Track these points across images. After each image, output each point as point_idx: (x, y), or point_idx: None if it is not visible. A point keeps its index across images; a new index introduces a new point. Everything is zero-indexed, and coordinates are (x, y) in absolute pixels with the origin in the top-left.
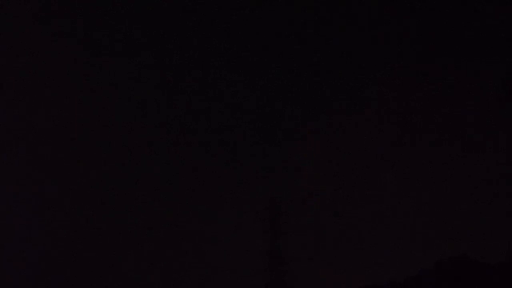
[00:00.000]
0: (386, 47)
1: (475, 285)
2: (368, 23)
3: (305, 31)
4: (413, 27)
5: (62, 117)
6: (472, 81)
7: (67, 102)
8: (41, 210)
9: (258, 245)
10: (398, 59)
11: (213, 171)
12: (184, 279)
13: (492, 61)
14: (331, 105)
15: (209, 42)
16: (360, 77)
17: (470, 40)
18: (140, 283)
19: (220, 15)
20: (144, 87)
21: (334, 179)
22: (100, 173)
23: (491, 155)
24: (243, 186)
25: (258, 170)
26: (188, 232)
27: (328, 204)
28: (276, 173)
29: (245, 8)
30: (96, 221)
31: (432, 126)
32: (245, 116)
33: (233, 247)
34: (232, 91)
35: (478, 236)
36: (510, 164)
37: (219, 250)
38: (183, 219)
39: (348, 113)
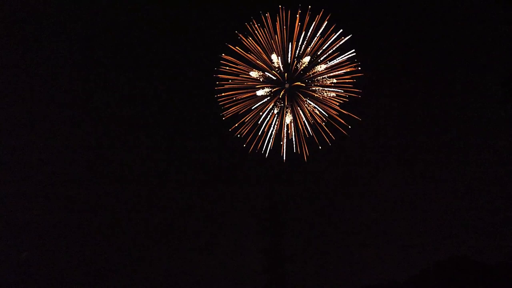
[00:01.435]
0: (386, 47)
1: (475, 285)
2: (369, 24)
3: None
4: (413, 28)
5: (61, 117)
6: (473, 81)
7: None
8: (42, 210)
9: (258, 245)
10: (398, 59)
11: (213, 172)
12: (185, 279)
13: (492, 61)
14: (330, 106)
15: (207, 41)
16: (360, 77)
17: (471, 40)
18: (141, 283)
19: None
20: (144, 87)
21: (334, 179)
22: (101, 173)
23: (491, 155)
24: (243, 187)
25: (258, 171)
26: (188, 232)
27: (328, 204)
28: (276, 174)
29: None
30: (97, 222)
31: (432, 126)
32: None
33: (233, 247)
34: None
35: (478, 236)
36: (510, 164)
37: (219, 250)
38: (183, 220)
39: (348, 113)
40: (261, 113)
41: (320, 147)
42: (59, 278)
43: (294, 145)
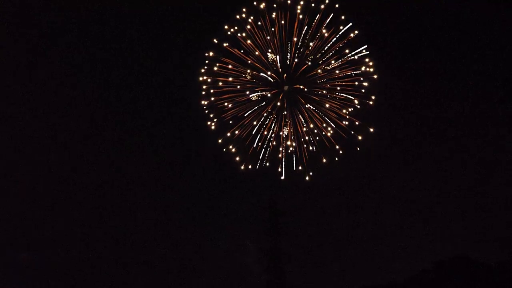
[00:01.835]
0: (386, 47)
1: (475, 285)
2: (369, 25)
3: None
4: (413, 29)
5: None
6: (472, 81)
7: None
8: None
9: (258, 245)
10: (398, 60)
11: (214, 172)
12: (185, 279)
13: (492, 61)
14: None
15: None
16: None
17: (471, 41)
18: (142, 283)
19: None
20: (143, 86)
21: (334, 180)
22: (101, 174)
23: (491, 155)
24: (243, 187)
25: (258, 171)
26: (189, 232)
27: (328, 204)
28: (276, 173)
29: None
30: (96, 222)
31: (432, 126)
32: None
33: (233, 247)
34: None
35: (478, 236)
36: (510, 164)
37: (219, 250)
38: (184, 220)
39: (347, 113)
40: (255, 123)
41: (324, 160)
42: (59, 278)
43: (294, 160)
